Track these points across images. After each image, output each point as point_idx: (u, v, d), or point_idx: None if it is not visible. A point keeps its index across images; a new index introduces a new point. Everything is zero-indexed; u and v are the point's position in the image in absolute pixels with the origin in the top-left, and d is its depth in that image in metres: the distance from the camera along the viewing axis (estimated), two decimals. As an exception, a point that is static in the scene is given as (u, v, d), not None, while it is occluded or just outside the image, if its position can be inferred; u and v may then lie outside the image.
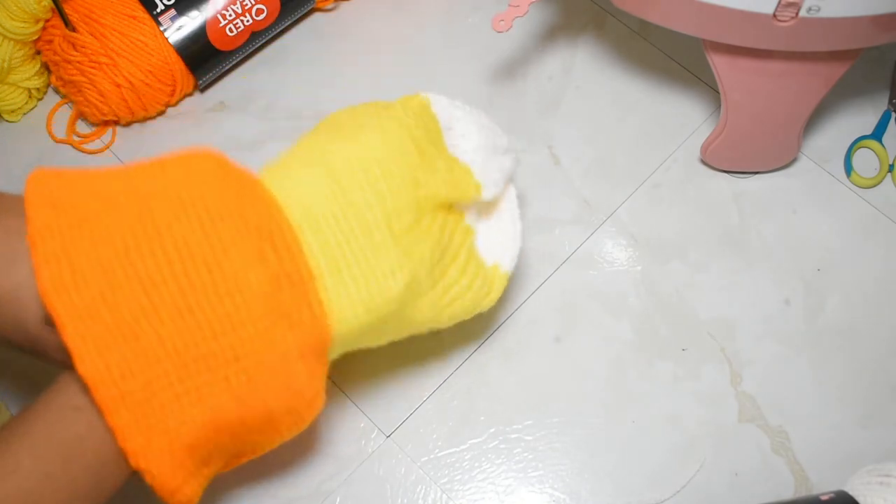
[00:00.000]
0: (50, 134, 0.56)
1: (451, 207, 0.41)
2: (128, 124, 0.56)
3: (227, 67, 0.56)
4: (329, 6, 0.60)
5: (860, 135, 0.56)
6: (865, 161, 0.56)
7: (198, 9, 0.53)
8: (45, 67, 0.55)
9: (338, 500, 0.47)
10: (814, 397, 0.50)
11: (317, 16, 0.60)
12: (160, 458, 0.33)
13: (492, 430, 0.49)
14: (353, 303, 0.36)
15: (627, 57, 0.58)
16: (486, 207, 0.44)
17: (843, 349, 0.51)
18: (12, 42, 0.51)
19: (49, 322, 0.35)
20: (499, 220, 0.44)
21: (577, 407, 0.49)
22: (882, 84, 0.58)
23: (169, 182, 0.35)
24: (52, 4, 0.50)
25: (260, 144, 0.56)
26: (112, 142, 0.56)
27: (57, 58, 0.53)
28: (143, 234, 0.34)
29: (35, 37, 0.52)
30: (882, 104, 0.57)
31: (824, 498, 0.41)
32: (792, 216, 0.54)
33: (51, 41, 0.53)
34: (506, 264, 0.44)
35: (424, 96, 0.42)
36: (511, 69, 0.58)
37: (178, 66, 0.53)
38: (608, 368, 0.50)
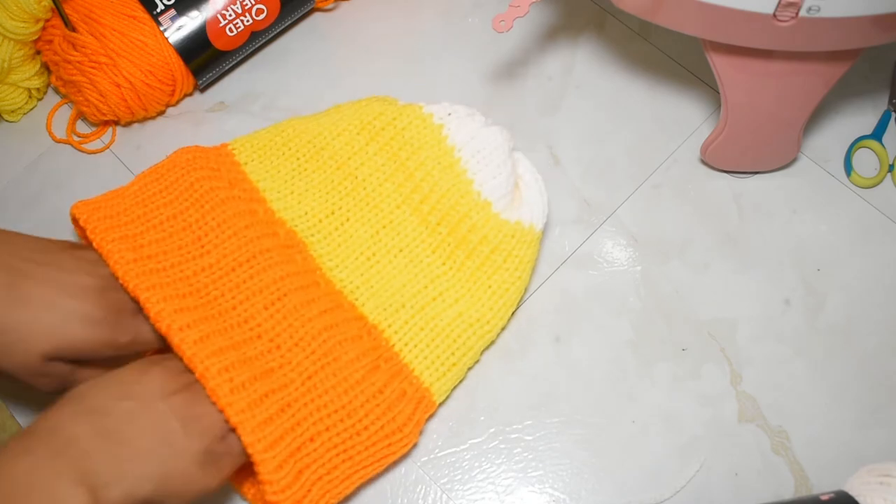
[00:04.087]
0: (50, 134, 0.56)
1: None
2: (128, 124, 0.56)
3: (227, 67, 0.56)
4: (329, 6, 0.60)
5: (860, 135, 0.56)
6: (865, 161, 0.56)
7: (198, 9, 0.53)
8: (45, 67, 0.55)
9: (338, 500, 0.47)
10: (814, 397, 0.50)
11: (317, 16, 0.60)
12: None
13: (492, 430, 0.49)
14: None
15: (627, 57, 0.58)
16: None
17: (843, 349, 0.51)
18: (12, 42, 0.51)
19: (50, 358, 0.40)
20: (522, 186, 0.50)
21: (577, 407, 0.49)
22: (882, 84, 0.58)
23: None
24: (52, 4, 0.50)
25: (260, 144, 0.55)
26: (112, 142, 0.56)
27: (57, 58, 0.53)
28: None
29: (35, 37, 0.52)
30: (882, 104, 0.57)
31: (824, 498, 0.41)
32: (792, 216, 0.54)
33: (51, 41, 0.53)
34: (537, 221, 0.49)
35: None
36: (511, 69, 0.58)
37: (178, 66, 0.53)
38: (608, 368, 0.50)
